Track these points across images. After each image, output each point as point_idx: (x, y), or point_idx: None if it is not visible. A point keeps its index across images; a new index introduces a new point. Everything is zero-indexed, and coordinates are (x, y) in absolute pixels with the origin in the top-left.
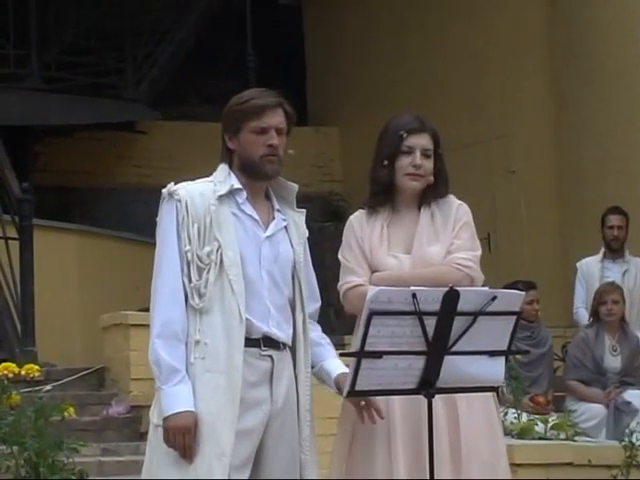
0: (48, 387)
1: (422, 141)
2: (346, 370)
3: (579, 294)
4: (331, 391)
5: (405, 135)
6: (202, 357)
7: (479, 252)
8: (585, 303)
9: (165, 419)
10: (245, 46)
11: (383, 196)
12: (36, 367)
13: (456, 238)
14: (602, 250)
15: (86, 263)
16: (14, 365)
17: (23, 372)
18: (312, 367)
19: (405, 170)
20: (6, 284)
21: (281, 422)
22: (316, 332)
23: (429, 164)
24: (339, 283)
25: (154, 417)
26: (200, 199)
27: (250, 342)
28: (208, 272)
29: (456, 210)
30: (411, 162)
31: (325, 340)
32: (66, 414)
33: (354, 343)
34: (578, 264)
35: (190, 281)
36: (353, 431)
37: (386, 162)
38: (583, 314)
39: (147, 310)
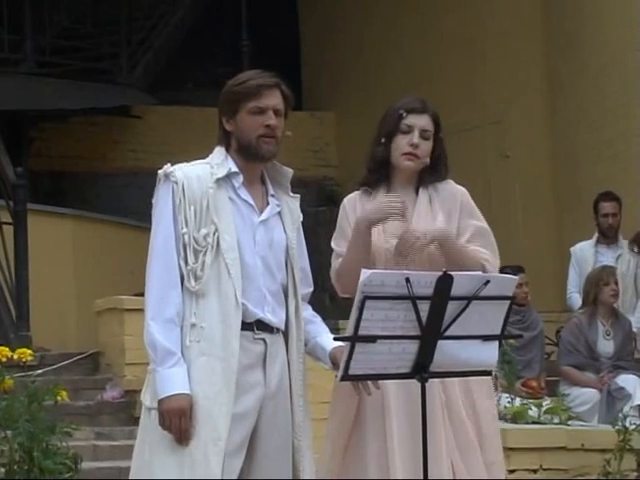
0: (39, 371)
1: (422, 122)
2: (341, 344)
3: (572, 279)
4: (326, 367)
5: (405, 114)
6: (197, 340)
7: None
8: (578, 288)
9: (160, 401)
10: (240, 31)
11: (377, 174)
12: (29, 351)
13: (472, 228)
14: (595, 235)
15: (81, 248)
16: (7, 349)
17: (16, 357)
18: (305, 344)
19: (402, 149)
20: (1, 269)
21: (274, 406)
22: (308, 311)
23: (427, 146)
24: (331, 268)
25: (146, 400)
26: (197, 181)
27: (244, 326)
28: (205, 255)
29: (461, 197)
30: (408, 141)
31: (317, 318)
32: (59, 398)
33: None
34: (572, 249)
35: (186, 263)
36: (348, 414)
37: (383, 140)
38: (576, 299)
39: (142, 295)
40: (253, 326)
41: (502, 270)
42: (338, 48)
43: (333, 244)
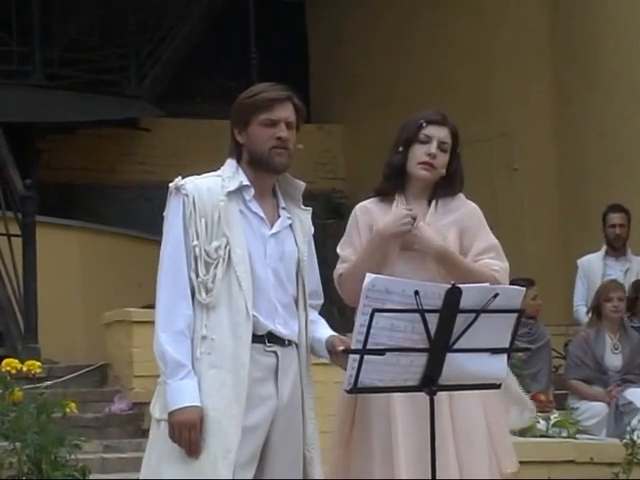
0: (47, 383)
1: (441, 133)
2: (335, 334)
3: (579, 291)
4: (325, 360)
5: (425, 124)
6: (208, 352)
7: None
8: (585, 300)
9: (170, 414)
10: (248, 43)
11: (393, 181)
12: (37, 364)
13: (482, 242)
14: (604, 248)
15: (89, 260)
16: (17, 361)
17: (25, 369)
18: None
19: (419, 158)
20: (9, 281)
21: (286, 418)
22: (312, 315)
23: (443, 158)
24: (334, 272)
25: (155, 412)
26: (208, 194)
27: (255, 338)
28: (216, 267)
29: (477, 214)
30: (426, 151)
31: (321, 319)
32: (68, 410)
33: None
34: (579, 261)
35: (197, 276)
36: (352, 426)
37: (401, 148)
38: (583, 311)
39: (150, 307)
40: (264, 338)
41: (513, 282)
42: (346, 61)
43: (339, 249)
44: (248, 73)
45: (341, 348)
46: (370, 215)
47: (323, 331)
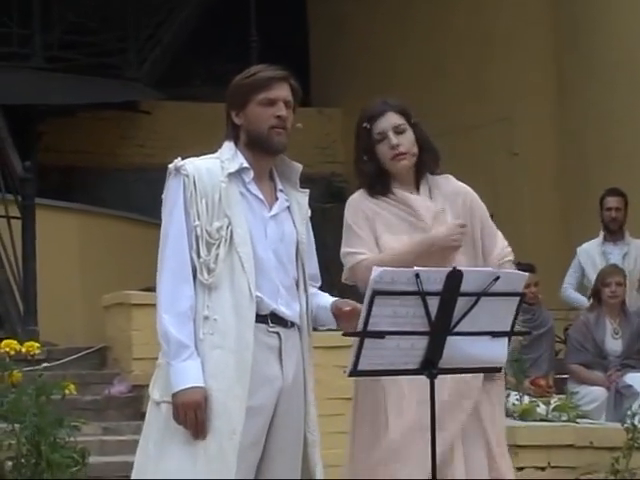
0: (45, 364)
1: (390, 120)
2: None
3: (570, 275)
4: (331, 326)
5: (369, 125)
6: (211, 333)
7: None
8: (575, 285)
9: (174, 395)
10: (248, 27)
11: (379, 185)
12: (36, 344)
13: (488, 233)
14: (601, 233)
15: (88, 243)
16: (15, 342)
17: (24, 350)
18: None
19: (388, 156)
20: (8, 263)
21: (289, 400)
22: (311, 289)
23: (407, 138)
24: (343, 250)
25: (155, 394)
26: (207, 175)
27: (258, 318)
28: (218, 248)
29: (470, 198)
30: (388, 146)
31: (320, 292)
32: (67, 392)
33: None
34: (578, 249)
35: (199, 256)
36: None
37: (366, 157)
38: (570, 291)
39: (149, 290)
40: (267, 319)
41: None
42: (346, 45)
43: (346, 248)
44: (248, 56)
45: (347, 309)
46: (363, 205)
47: (324, 299)
